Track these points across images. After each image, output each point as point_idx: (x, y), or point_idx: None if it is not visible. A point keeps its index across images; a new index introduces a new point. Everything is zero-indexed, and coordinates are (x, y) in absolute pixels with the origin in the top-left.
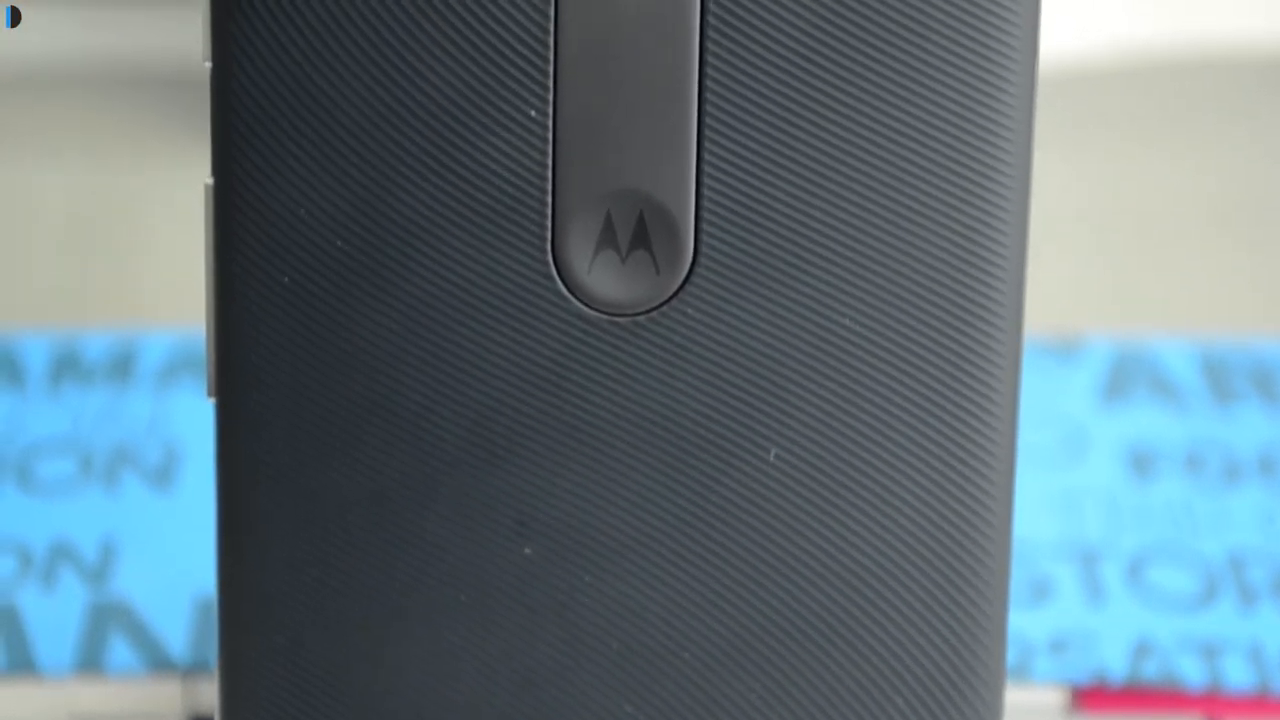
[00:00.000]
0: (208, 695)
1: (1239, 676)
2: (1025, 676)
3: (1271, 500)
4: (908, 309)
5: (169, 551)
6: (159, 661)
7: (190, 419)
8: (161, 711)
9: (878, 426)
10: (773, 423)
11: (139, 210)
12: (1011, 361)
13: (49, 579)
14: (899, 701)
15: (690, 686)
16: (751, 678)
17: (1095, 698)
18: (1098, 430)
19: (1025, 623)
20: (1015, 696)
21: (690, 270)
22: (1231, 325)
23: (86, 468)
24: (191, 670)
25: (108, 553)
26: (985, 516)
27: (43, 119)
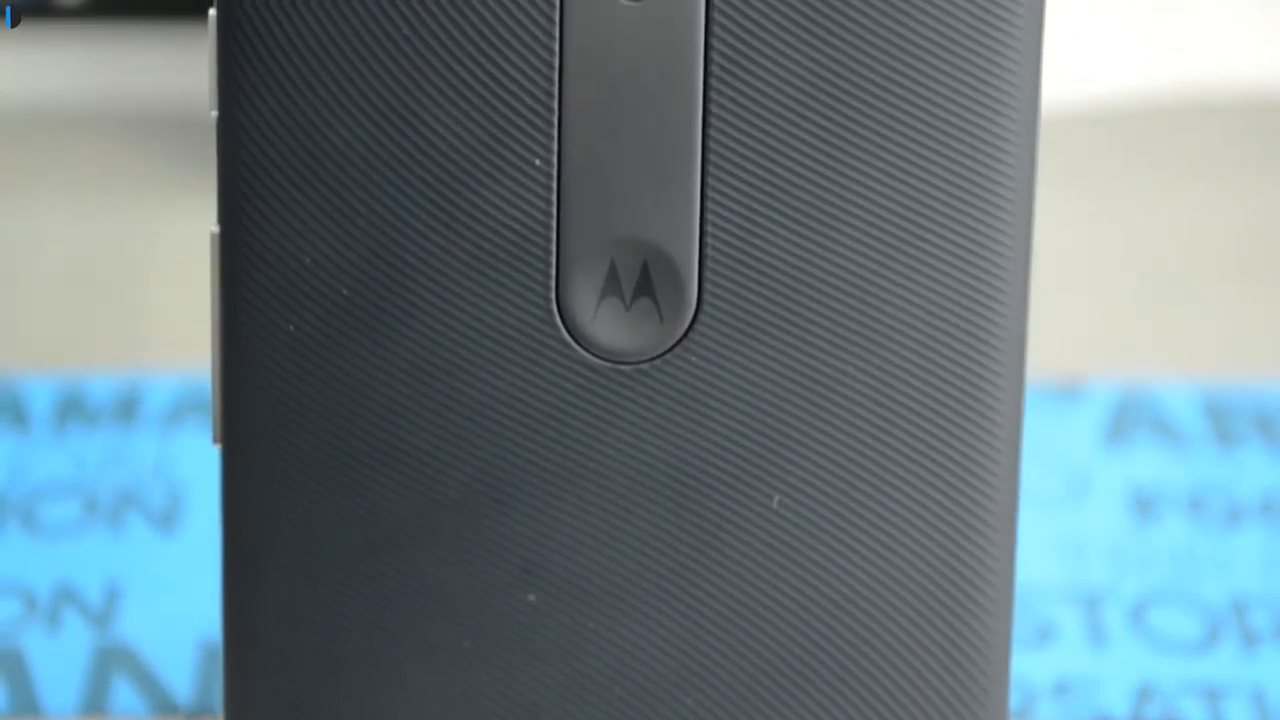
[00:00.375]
0: None
1: None
2: None
3: (1274, 543)
4: (910, 355)
5: (173, 595)
6: (163, 705)
7: (195, 462)
8: None
9: (881, 472)
10: (776, 469)
11: (144, 252)
12: (1014, 405)
13: (53, 622)
14: None
15: None
16: None
17: None
18: (1100, 473)
19: (1028, 666)
20: None
21: (694, 318)
22: (1233, 368)
23: (91, 511)
24: (196, 714)
25: (112, 596)
26: (988, 561)
27: (48, 161)
